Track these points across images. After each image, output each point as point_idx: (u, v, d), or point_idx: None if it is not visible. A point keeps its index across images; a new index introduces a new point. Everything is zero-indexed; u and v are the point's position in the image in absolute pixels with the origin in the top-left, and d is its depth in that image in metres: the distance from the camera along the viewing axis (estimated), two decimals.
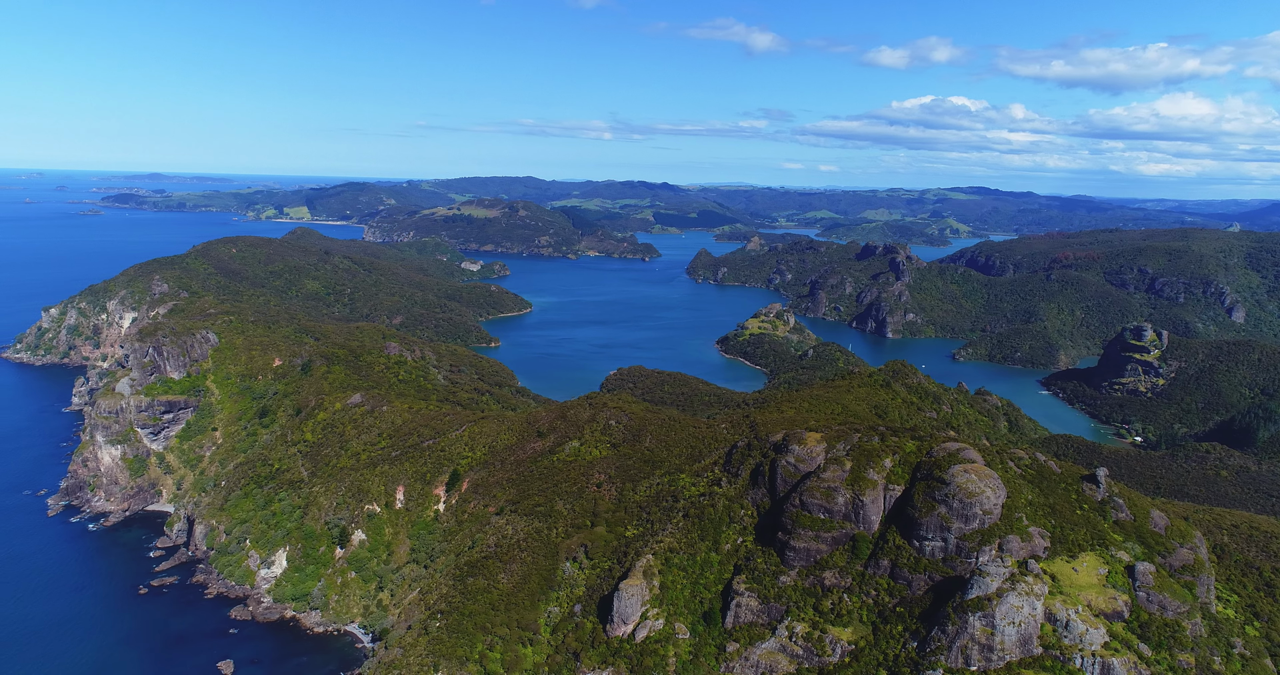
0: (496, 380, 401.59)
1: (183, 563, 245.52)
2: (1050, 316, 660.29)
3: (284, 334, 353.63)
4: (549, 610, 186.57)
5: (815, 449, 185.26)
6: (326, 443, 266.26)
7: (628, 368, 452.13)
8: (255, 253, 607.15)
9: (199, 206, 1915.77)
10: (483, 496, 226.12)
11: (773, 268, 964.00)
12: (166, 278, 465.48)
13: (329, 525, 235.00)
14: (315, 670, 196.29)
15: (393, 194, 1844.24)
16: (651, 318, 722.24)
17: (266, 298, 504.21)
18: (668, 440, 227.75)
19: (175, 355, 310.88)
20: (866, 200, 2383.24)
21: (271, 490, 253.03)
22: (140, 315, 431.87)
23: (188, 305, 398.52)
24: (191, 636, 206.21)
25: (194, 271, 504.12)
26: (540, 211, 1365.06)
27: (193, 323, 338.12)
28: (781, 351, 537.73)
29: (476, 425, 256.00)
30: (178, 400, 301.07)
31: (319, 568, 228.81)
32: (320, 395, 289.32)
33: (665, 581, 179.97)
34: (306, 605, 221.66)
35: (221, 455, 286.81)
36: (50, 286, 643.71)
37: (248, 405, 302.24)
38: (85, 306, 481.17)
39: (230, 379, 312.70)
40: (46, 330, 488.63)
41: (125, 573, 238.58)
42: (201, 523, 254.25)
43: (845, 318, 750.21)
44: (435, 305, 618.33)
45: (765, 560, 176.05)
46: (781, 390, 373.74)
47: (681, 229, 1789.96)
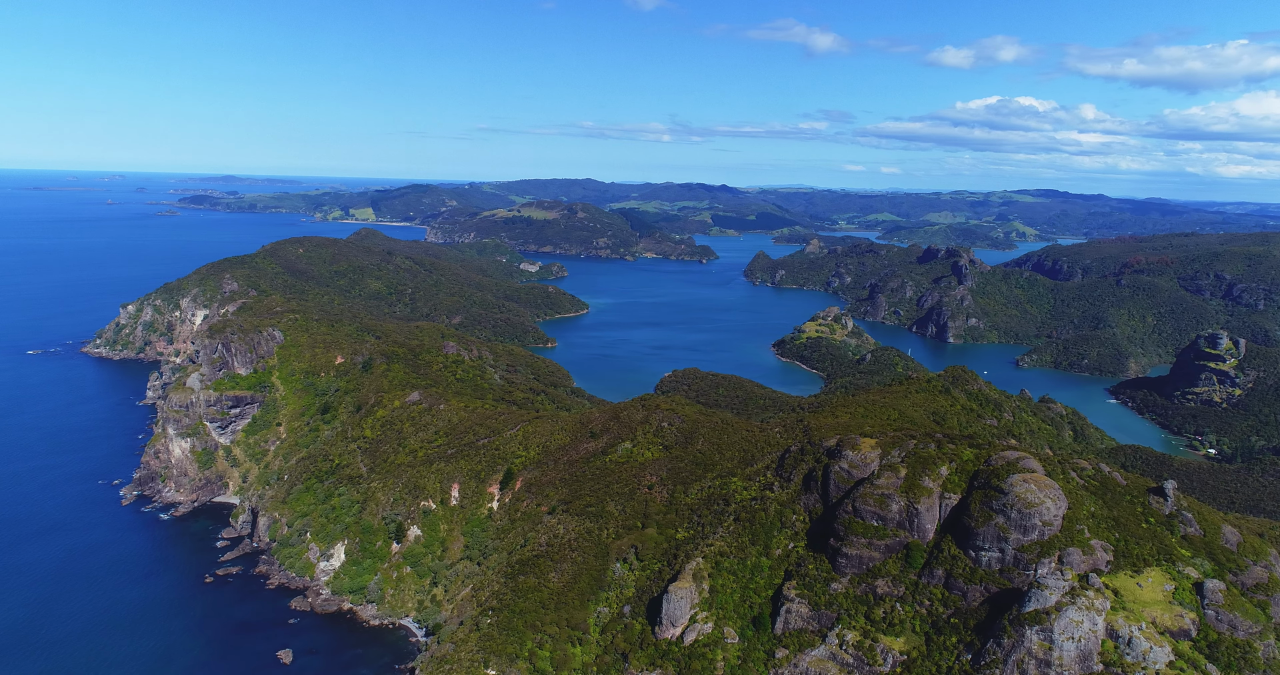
0: (552, 380, 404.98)
1: (246, 553, 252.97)
2: (1120, 323, 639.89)
3: (346, 332, 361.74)
4: (598, 610, 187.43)
5: (869, 455, 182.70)
6: (385, 439, 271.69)
7: (683, 370, 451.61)
8: (321, 253, 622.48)
9: (269, 208, 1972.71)
10: (535, 495, 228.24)
11: (831, 271, 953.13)
12: (236, 276, 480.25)
13: (386, 520, 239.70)
14: (370, 662, 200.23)
15: (455, 196, 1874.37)
16: (708, 320, 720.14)
17: (331, 296, 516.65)
18: (720, 443, 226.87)
19: (243, 352, 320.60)
20: (929, 203, 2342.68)
21: (331, 485, 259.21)
22: (211, 313, 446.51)
23: (256, 303, 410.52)
24: (253, 625, 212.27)
25: (263, 271, 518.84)
26: (598, 213, 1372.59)
27: (260, 320, 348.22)
28: (839, 355, 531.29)
29: (531, 425, 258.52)
30: (244, 395, 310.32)
31: (375, 562, 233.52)
32: (380, 393, 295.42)
33: (715, 585, 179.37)
34: (363, 598, 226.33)
35: (285, 450, 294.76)
36: (129, 284, 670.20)
37: (311, 401, 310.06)
38: (160, 304, 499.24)
39: (294, 375, 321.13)
40: (124, 326, 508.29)
41: (192, 562, 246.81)
42: (265, 515, 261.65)
43: (905, 322, 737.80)
44: (494, 305, 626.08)
45: (816, 566, 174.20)
46: (837, 395, 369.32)
47: (739, 231, 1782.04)
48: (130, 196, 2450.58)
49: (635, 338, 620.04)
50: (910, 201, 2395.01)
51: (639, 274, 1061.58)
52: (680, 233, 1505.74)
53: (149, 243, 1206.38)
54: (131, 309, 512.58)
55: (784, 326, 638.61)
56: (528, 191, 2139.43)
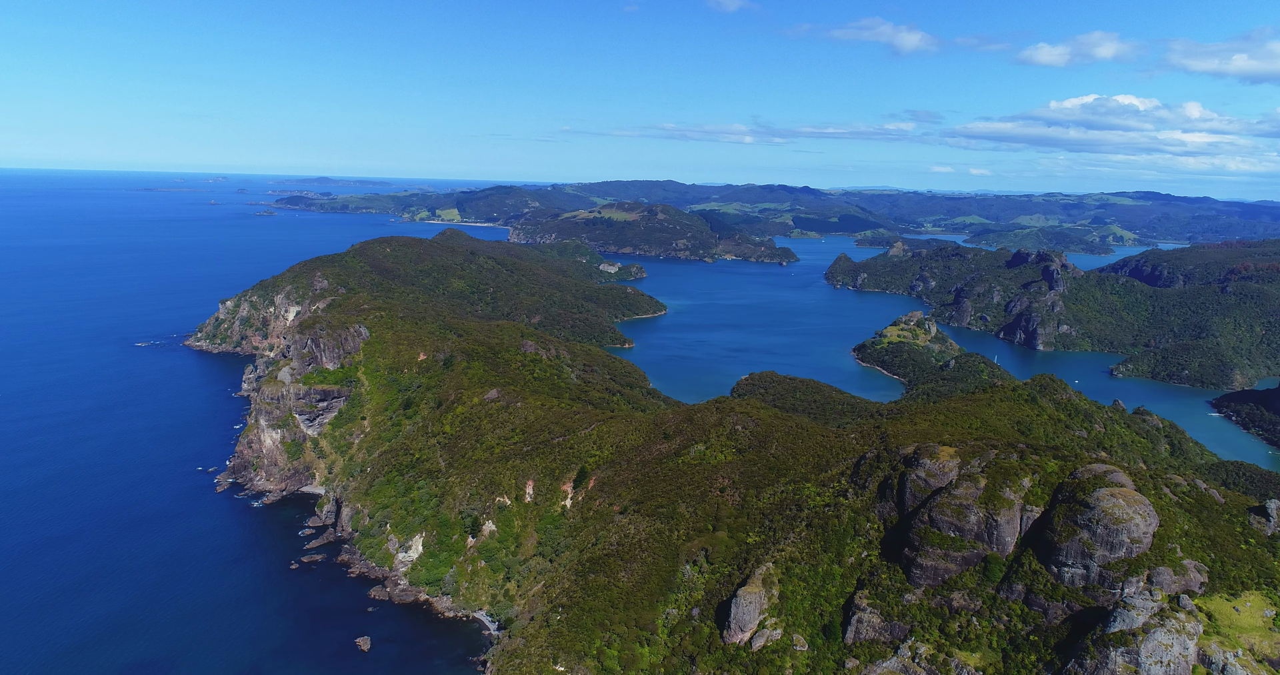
0: (628, 381, 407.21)
1: (330, 542, 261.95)
2: (1225, 332, 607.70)
3: (429, 330, 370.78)
4: (667, 612, 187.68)
5: (948, 464, 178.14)
6: (463, 435, 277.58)
7: (760, 373, 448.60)
8: (407, 252, 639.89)
9: (360, 208, 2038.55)
10: (608, 495, 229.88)
11: (915, 274, 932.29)
12: (327, 275, 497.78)
13: (462, 515, 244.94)
14: (444, 653, 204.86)
15: (537, 197, 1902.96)
16: (786, 323, 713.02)
17: (415, 295, 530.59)
18: (794, 448, 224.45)
19: (331, 347, 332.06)
20: (1020, 205, 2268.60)
21: (411, 478, 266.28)
22: (303, 309, 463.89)
23: (344, 301, 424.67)
24: (334, 612, 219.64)
25: (351, 269, 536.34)
26: (678, 215, 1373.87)
27: (348, 317, 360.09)
28: (921, 361, 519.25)
29: (605, 424, 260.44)
30: (332, 389, 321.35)
31: (451, 555, 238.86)
32: (460, 389, 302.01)
33: (785, 591, 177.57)
34: (439, 590, 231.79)
35: (368, 443, 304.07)
36: (228, 281, 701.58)
37: (394, 396, 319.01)
38: (256, 300, 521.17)
39: (379, 371, 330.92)
40: (223, 321, 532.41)
41: (280, 548, 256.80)
42: (348, 506, 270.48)
43: (992, 328, 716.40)
44: (573, 305, 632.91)
45: (890, 576, 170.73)
46: (918, 402, 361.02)
47: (821, 234, 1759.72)
48: (232, 197, 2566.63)
49: (713, 340, 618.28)
50: (1000, 204, 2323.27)
51: (718, 276, 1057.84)
52: (760, 235, 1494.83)
53: (248, 241, 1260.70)
54: (230, 305, 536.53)
55: (865, 331, 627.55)
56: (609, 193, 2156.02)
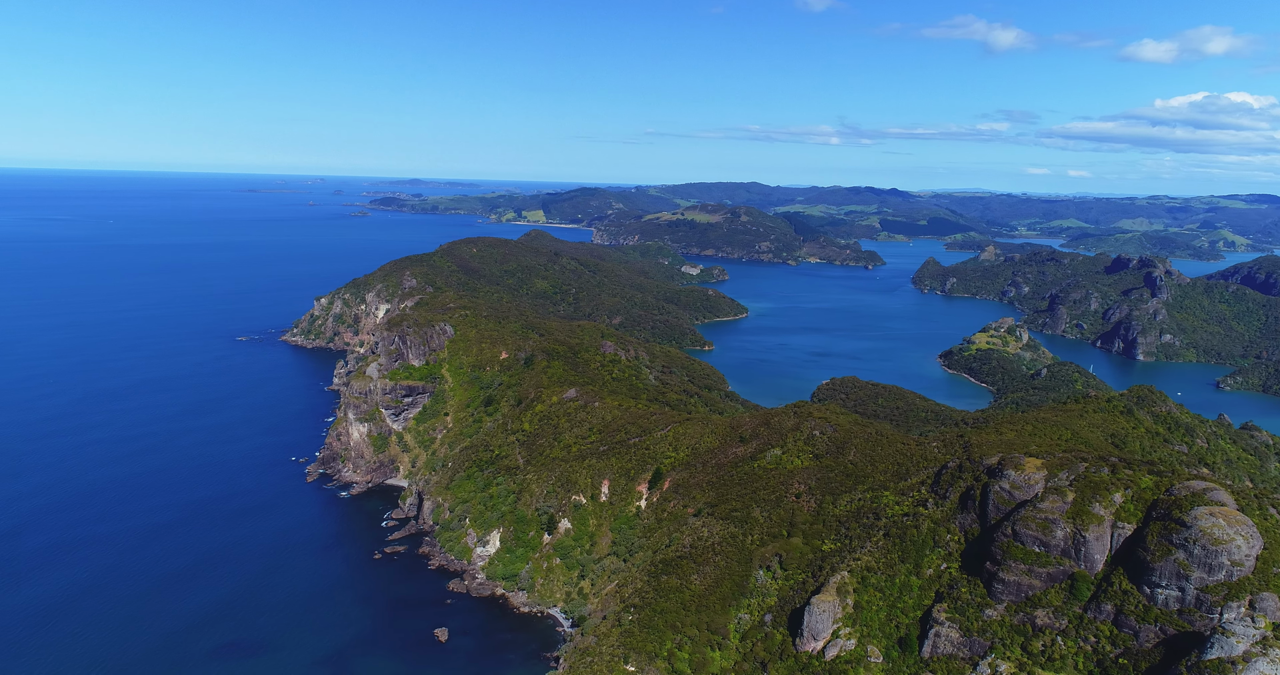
0: (706, 383, 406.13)
1: (411, 534, 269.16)
2: None
3: (512, 329, 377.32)
4: (739, 617, 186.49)
5: (1034, 476, 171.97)
6: (542, 433, 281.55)
7: (841, 378, 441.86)
8: (492, 252, 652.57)
9: (449, 209, 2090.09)
10: (682, 497, 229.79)
11: (1007, 279, 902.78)
12: (415, 274, 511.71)
13: (539, 512, 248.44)
14: (518, 648, 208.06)
15: (621, 199, 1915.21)
16: (871, 327, 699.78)
17: (499, 294, 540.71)
18: (873, 455, 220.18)
19: (417, 344, 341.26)
20: (1122, 208, 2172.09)
21: (490, 474, 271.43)
22: (392, 307, 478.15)
23: (431, 299, 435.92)
24: (414, 603, 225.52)
25: (439, 268, 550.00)
26: (762, 217, 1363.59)
27: (433, 315, 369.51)
28: (1011, 369, 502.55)
29: (681, 426, 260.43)
30: (416, 385, 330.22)
31: (528, 551, 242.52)
32: (539, 388, 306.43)
33: (860, 601, 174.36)
34: (515, 585, 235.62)
35: (450, 438, 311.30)
36: (323, 279, 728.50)
37: (476, 394, 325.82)
38: (349, 297, 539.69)
39: (462, 368, 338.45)
40: (317, 317, 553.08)
41: (364, 539, 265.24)
42: (429, 499, 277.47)
43: (1088, 336, 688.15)
44: (653, 307, 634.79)
45: (970, 590, 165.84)
46: (1006, 411, 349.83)
47: (909, 237, 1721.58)
48: (329, 198, 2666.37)
49: (794, 343, 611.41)
50: (1100, 207, 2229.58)
51: (801, 279, 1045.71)
52: (846, 237, 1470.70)
53: (342, 241, 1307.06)
54: (324, 302, 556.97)
55: (952, 337, 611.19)
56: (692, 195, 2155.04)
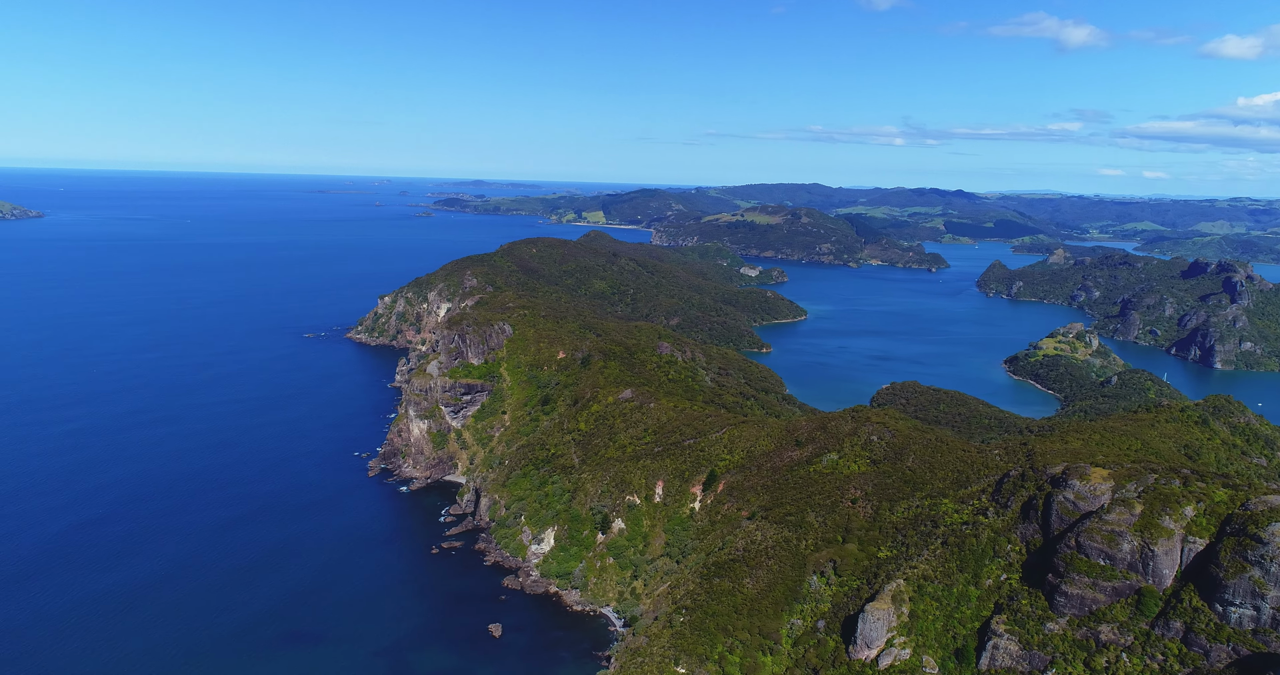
0: (763, 386, 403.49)
1: (468, 530, 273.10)
2: None
3: (570, 329, 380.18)
4: (792, 622, 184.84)
5: (1100, 487, 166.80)
6: (597, 433, 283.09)
7: (902, 383, 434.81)
8: (552, 253, 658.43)
9: (510, 210, 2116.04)
10: (737, 500, 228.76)
11: (1077, 283, 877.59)
12: (476, 273, 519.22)
13: (593, 511, 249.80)
14: (571, 646, 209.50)
15: (681, 200, 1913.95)
16: (933, 331, 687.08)
17: (558, 295, 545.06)
18: (933, 461, 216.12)
19: (476, 343, 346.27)
20: (1201, 211, 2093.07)
21: (546, 473, 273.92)
22: (453, 306, 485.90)
23: (491, 299, 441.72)
24: (469, 597, 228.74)
25: (499, 268, 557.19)
26: (823, 219, 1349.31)
27: (493, 314, 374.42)
28: (1079, 376, 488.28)
29: (737, 429, 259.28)
30: (475, 384, 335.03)
31: (581, 550, 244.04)
32: (595, 388, 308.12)
33: (916, 610, 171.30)
34: (568, 583, 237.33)
35: (508, 436, 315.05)
36: (387, 277, 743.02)
37: (533, 393, 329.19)
38: (411, 296, 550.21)
39: (520, 368, 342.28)
40: (381, 315, 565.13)
41: (422, 533, 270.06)
42: (486, 496, 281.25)
43: (1162, 343, 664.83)
44: (711, 308, 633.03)
45: (1031, 602, 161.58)
46: (1073, 419, 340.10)
47: (975, 239, 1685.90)
48: (395, 199, 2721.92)
49: (854, 346, 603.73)
50: (1177, 209, 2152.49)
51: (862, 281, 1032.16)
52: (909, 240, 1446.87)
53: (407, 241, 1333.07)
54: (388, 300, 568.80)
55: (1018, 342, 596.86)
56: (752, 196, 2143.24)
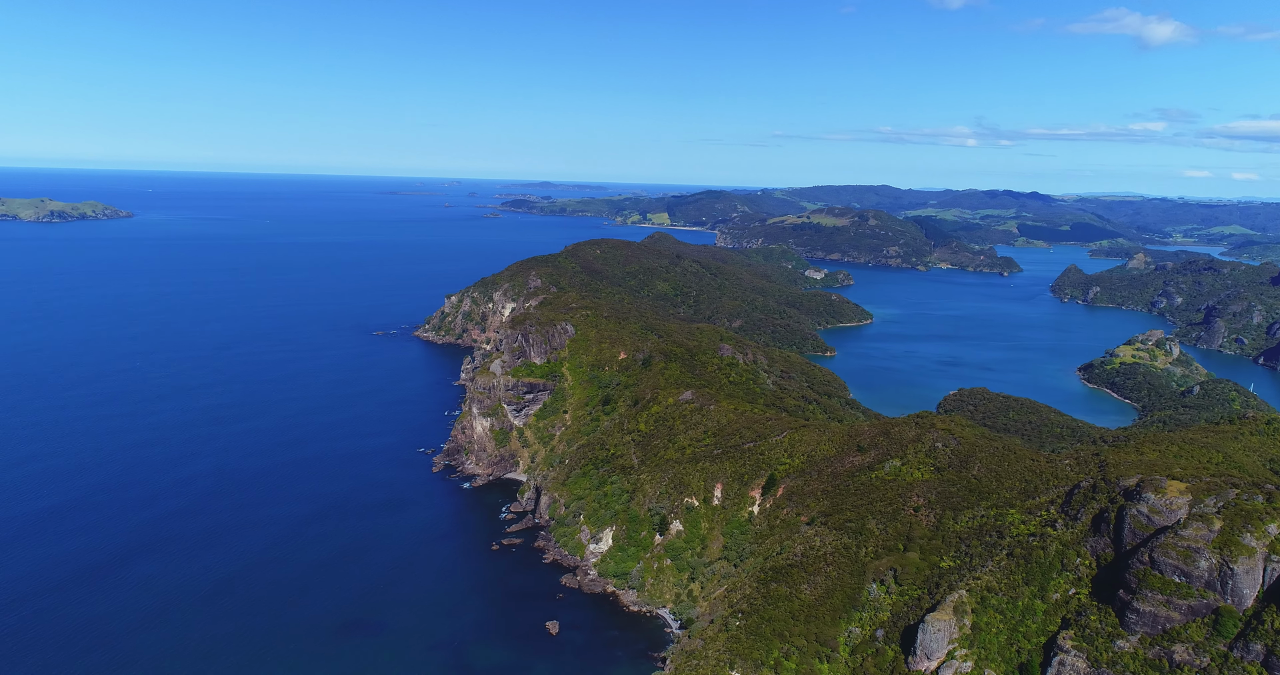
0: (826, 390, 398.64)
1: (528, 528, 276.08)
2: None
3: (631, 330, 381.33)
4: (849, 630, 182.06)
5: (1176, 501, 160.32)
6: (657, 434, 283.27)
7: (970, 389, 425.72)
8: (616, 254, 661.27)
9: (576, 211, 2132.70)
10: (796, 504, 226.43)
11: (1158, 289, 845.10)
12: (540, 274, 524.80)
13: (651, 512, 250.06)
14: (626, 646, 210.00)
15: (746, 202, 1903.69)
16: (1005, 337, 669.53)
17: (621, 295, 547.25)
18: (999, 470, 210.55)
19: (539, 343, 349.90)
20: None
21: (605, 473, 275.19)
22: (517, 306, 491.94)
23: (554, 299, 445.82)
24: (527, 595, 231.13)
25: (563, 269, 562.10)
26: (891, 221, 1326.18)
27: (556, 315, 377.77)
28: (1159, 385, 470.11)
29: (798, 432, 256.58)
30: (538, 383, 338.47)
31: (639, 550, 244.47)
32: (656, 389, 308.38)
33: (979, 622, 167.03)
34: (625, 584, 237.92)
35: (568, 436, 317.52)
36: (454, 277, 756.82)
37: (594, 393, 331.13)
38: (477, 296, 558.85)
39: (582, 368, 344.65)
40: (448, 314, 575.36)
41: (483, 530, 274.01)
42: (546, 494, 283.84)
43: (1249, 352, 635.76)
44: (774, 311, 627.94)
45: (1100, 619, 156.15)
46: (1151, 430, 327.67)
47: (1049, 243, 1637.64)
48: (463, 200, 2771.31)
49: (921, 351, 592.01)
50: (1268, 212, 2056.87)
51: (931, 285, 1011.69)
52: (980, 243, 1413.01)
53: (474, 241, 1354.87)
54: (454, 299, 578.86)
55: (1094, 349, 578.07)
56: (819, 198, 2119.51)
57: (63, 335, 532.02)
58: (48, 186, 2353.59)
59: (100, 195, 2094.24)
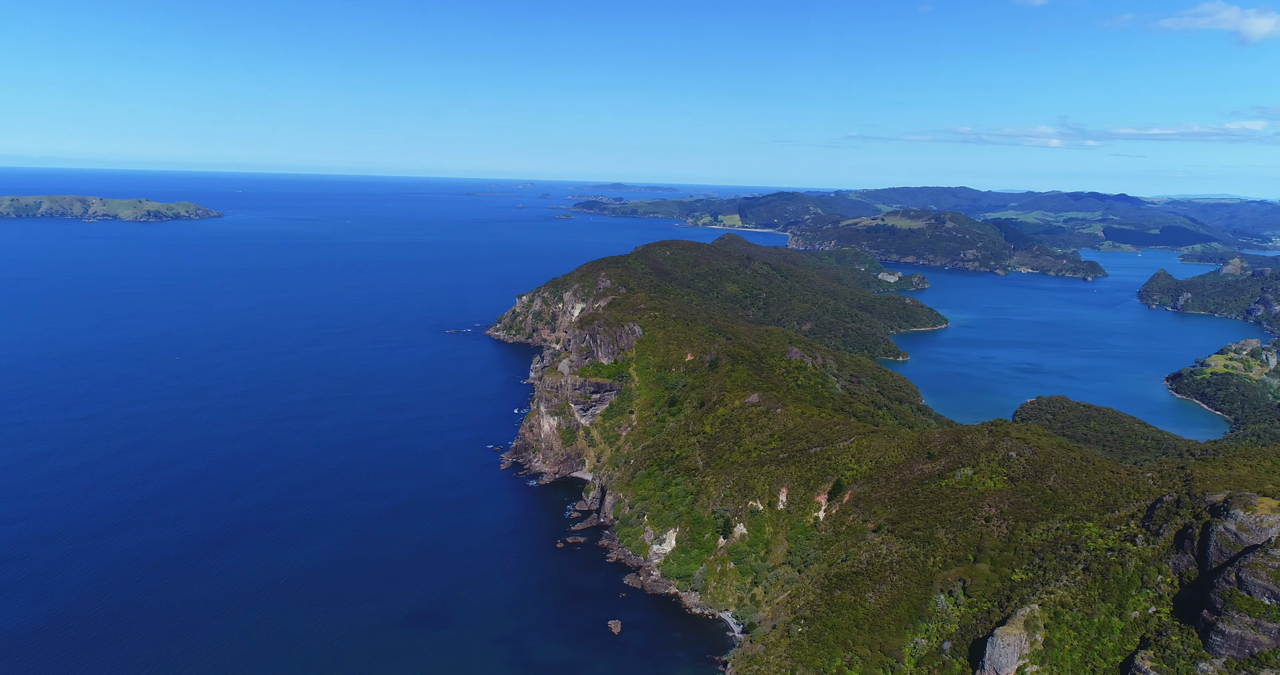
0: (897, 395, 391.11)
1: (592, 527, 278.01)
2: None
3: (699, 332, 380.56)
4: (915, 641, 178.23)
5: (1268, 519, 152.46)
6: (722, 437, 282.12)
7: (1049, 397, 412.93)
8: (685, 255, 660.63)
9: (647, 213, 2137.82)
10: (862, 511, 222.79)
11: (1255, 296, 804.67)
12: (610, 275, 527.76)
13: (715, 515, 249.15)
14: (688, 647, 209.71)
15: (819, 203, 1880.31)
16: (1087, 344, 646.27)
17: (690, 297, 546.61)
18: (1076, 482, 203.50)
19: (606, 343, 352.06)
20: None
21: (670, 474, 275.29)
22: (587, 306, 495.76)
23: (623, 300, 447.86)
24: (590, 593, 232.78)
25: (632, 270, 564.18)
26: (969, 224, 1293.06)
27: (624, 315, 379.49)
28: (1253, 396, 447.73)
29: (866, 438, 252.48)
30: (605, 383, 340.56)
31: (702, 553, 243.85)
32: (722, 391, 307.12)
33: (1052, 638, 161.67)
34: (688, 586, 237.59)
35: (634, 436, 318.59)
36: (526, 277, 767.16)
37: (660, 394, 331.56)
38: (547, 296, 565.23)
39: (649, 368, 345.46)
40: (519, 314, 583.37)
41: (548, 527, 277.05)
42: (611, 494, 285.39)
43: None
44: (846, 314, 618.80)
45: (1182, 640, 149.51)
46: (1243, 444, 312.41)
47: (1137, 247, 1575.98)
48: (536, 201, 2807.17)
49: (998, 357, 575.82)
50: None
51: (1010, 289, 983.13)
52: (1063, 246, 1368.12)
53: (546, 242, 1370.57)
54: (525, 299, 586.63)
55: (1183, 358, 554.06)
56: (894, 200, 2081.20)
57: (160, 331, 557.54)
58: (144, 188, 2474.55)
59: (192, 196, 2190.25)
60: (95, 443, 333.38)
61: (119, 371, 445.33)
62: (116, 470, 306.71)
